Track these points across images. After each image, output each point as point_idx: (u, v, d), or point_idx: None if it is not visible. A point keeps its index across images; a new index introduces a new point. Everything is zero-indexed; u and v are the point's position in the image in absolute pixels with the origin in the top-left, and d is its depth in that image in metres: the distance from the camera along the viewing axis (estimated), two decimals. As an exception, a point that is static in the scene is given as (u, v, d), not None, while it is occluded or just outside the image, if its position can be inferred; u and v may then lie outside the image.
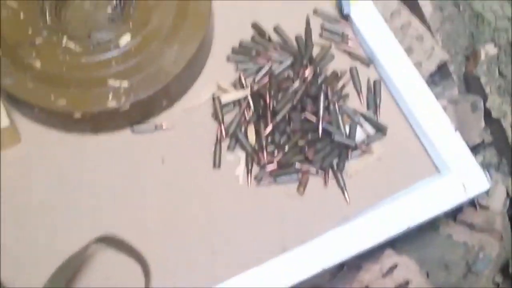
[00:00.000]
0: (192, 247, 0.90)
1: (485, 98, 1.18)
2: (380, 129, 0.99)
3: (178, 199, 0.93)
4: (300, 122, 0.96)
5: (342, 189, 0.94)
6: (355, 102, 1.02)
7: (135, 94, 0.92)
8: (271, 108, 0.95)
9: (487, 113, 1.17)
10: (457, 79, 1.26)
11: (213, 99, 0.98)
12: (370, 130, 1.00)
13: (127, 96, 0.92)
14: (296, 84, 0.98)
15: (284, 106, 0.95)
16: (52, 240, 0.90)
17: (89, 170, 0.95)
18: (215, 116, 0.98)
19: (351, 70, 1.04)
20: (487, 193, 1.13)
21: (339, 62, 1.05)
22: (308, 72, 0.99)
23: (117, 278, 0.88)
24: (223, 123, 0.97)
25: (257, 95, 0.98)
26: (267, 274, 0.88)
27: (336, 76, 1.02)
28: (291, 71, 1.02)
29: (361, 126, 0.99)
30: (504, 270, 1.09)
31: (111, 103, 0.92)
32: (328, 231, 0.91)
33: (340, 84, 1.02)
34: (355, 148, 0.97)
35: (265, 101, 0.96)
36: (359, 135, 0.99)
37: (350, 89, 1.03)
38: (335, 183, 0.95)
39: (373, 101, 1.02)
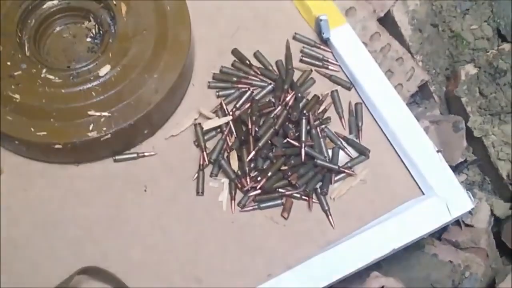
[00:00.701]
0: (176, 275, 0.90)
1: (466, 118, 1.18)
2: (363, 152, 0.99)
3: (161, 227, 0.93)
4: (282, 147, 0.96)
5: (327, 213, 0.94)
6: (337, 126, 1.03)
7: (116, 123, 0.92)
8: (253, 134, 0.95)
9: (469, 133, 1.18)
10: (438, 99, 1.27)
11: (195, 126, 0.98)
12: (353, 153, 1.00)
13: (108, 126, 0.92)
14: (278, 109, 0.98)
15: (266, 131, 0.96)
16: (34, 272, 0.89)
17: (71, 201, 0.94)
18: (197, 143, 0.98)
19: (332, 94, 1.04)
20: (471, 211, 1.14)
21: (320, 86, 1.05)
22: (289, 97, 0.99)
23: (102, 310, 0.87)
24: (206, 150, 0.97)
25: (239, 121, 0.98)
26: (253, 301, 0.88)
27: (317, 100, 1.02)
28: (272, 97, 1.02)
29: (344, 149, 1.00)
30: (490, 288, 1.09)
31: (92, 133, 0.91)
32: (314, 255, 0.90)
33: (321, 108, 1.02)
34: (338, 171, 0.97)
35: (247, 126, 0.96)
36: (342, 158, 0.99)
37: (331, 112, 1.03)
38: (319, 207, 0.95)
39: (355, 124, 1.02)
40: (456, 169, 1.20)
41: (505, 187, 1.17)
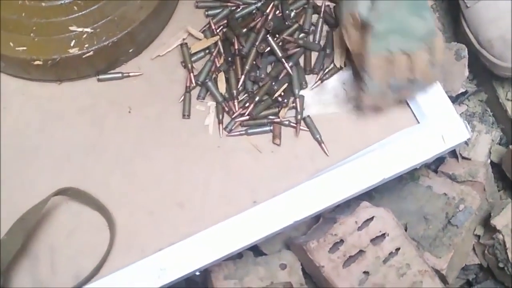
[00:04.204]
0: (159, 200, 0.87)
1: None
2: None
3: (145, 150, 0.90)
4: (266, 68, 0.93)
5: (318, 141, 0.91)
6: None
7: (98, 40, 0.88)
8: (237, 52, 0.92)
9: (474, 62, 1.13)
10: (442, 26, 1.21)
11: (181, 46, 0.94)
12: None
13: (90, 43, 0.88)
14: (259, 22, 0.95)
15: (250, 49, 0.92)
16: (13, 194, 0.86)
17: (52, 120, 0.91)
18: (184, 64, 0.94)
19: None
20: (467, 142, 1.10)
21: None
22: (269, 8, 0.95)
23: (81, 231, 0.86)
24: (193, 71, 0.93)
25: (227, 41, 0.94)
26: (237, 228, 0.85)
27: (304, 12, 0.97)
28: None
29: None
30: (485, 222, 1.07)
31: (74, 50, 0.88)
32: (301, 183, 0.87)
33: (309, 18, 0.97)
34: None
35: (233, 45, 0.93)
36: (336, 83, 0.95)
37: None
38: (308, 134, 0.92)
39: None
40: (457, 99, 1.16)
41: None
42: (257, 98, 0.90)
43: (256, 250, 1.01)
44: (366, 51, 0.85)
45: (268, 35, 0.93)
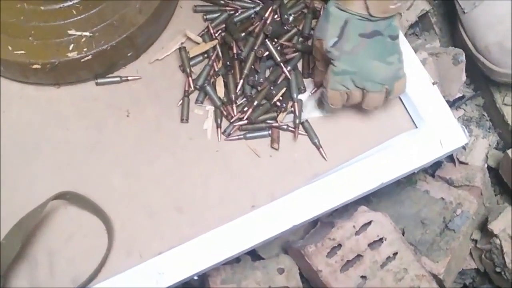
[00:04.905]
0: (156, 204, 0.87)
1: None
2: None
3: (143, 154, 0.90)
4: (265, 72, 0.94)
5: (316, 145, 0.91)
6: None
7: (97, 44, 0.88)
8: (236, 56, 0.92)
9: (471, 68, 1.14)
10: (440, 31, 1.22)
11: (180, 50, 0.94)
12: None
13: (88, 46, 0.88)
14: (257, 26, 0.95)
15: (249, 52, 0.93)
16: (11, 197, 0.86)
17: (51, 124, 0.91)
18: (183, 68, 0.94)
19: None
20: (464, 147, 1.10)
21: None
22: (268, 12, 0.95)
23: (80, 235, 0.85)
24: (191, 76, 0.93)
25: (225, 46, 0.94)
26: (235, 232, 0.85)
27: (304, 17, 0.98)
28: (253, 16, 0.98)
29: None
30: (482, 227, 1.07)
31: (72, 54, 0.88)
32: (299, 188, 0.88)
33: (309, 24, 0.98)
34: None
35: (231, 49, 0.93)
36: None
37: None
38: (306, 139, 0.92)
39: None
40: (454, 104, 1.16)
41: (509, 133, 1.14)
42: (255, 103, 0.90)
43: (254, 254, 1.01)
44: (325, 80, 0.85)
45: (266, 40, 0.93)
